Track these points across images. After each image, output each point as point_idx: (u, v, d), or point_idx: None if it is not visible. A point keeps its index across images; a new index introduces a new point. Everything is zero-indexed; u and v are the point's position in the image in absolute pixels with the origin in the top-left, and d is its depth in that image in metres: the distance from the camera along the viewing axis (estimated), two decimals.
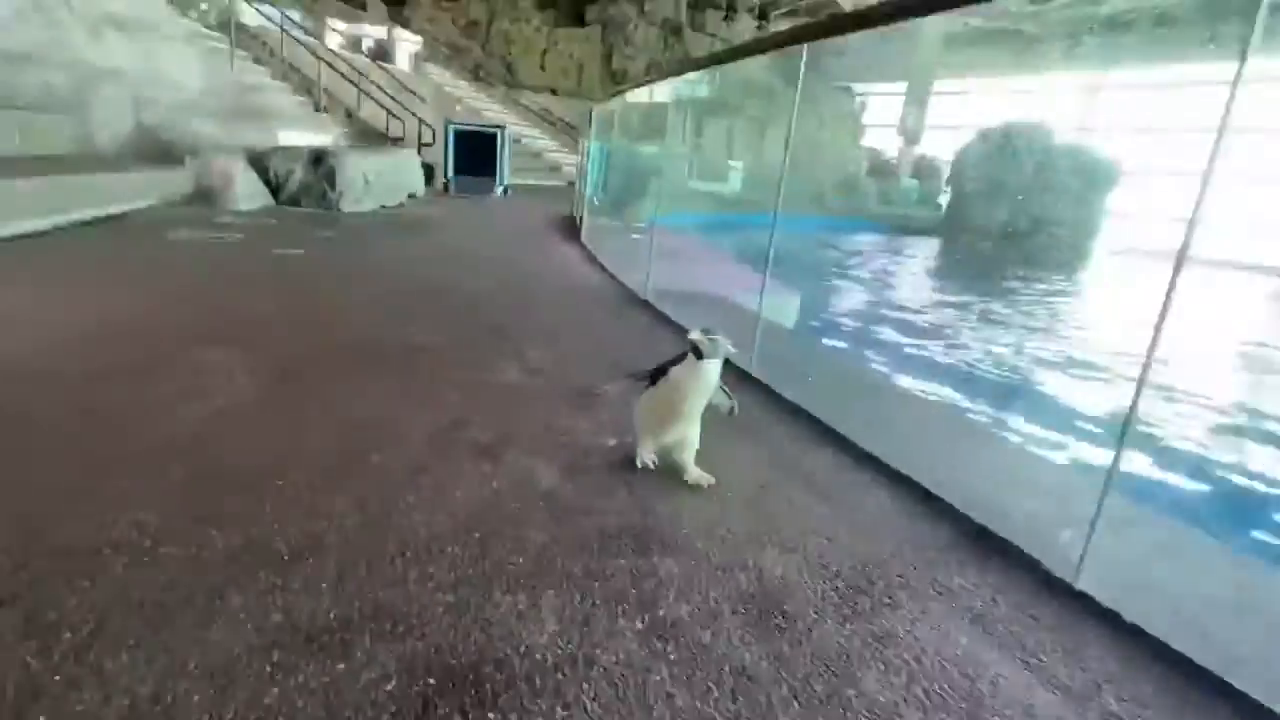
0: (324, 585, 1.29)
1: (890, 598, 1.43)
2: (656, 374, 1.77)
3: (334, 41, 13.27)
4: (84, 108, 6.30)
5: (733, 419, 1.89)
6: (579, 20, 19.73)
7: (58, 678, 1.03)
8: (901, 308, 7.83)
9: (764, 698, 1.13)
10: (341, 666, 1.11)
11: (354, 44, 14.62)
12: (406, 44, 16.12)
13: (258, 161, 6.62)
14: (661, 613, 1.32)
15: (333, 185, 6.69)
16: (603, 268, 5.20)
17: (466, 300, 3.81)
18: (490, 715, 1.04)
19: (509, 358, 2.79)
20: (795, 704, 1.12)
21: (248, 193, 6.24)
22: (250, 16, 11.23)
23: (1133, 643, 1.35)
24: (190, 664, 1.08)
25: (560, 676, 1.13)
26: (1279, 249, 13.68)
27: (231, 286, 3.60)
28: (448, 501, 1.63)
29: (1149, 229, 16.43)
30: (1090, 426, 3.85)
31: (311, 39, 11.74)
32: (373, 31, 15.98)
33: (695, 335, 1.70)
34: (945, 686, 1.19)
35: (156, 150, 6.45)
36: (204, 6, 11.89)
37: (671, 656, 1.20)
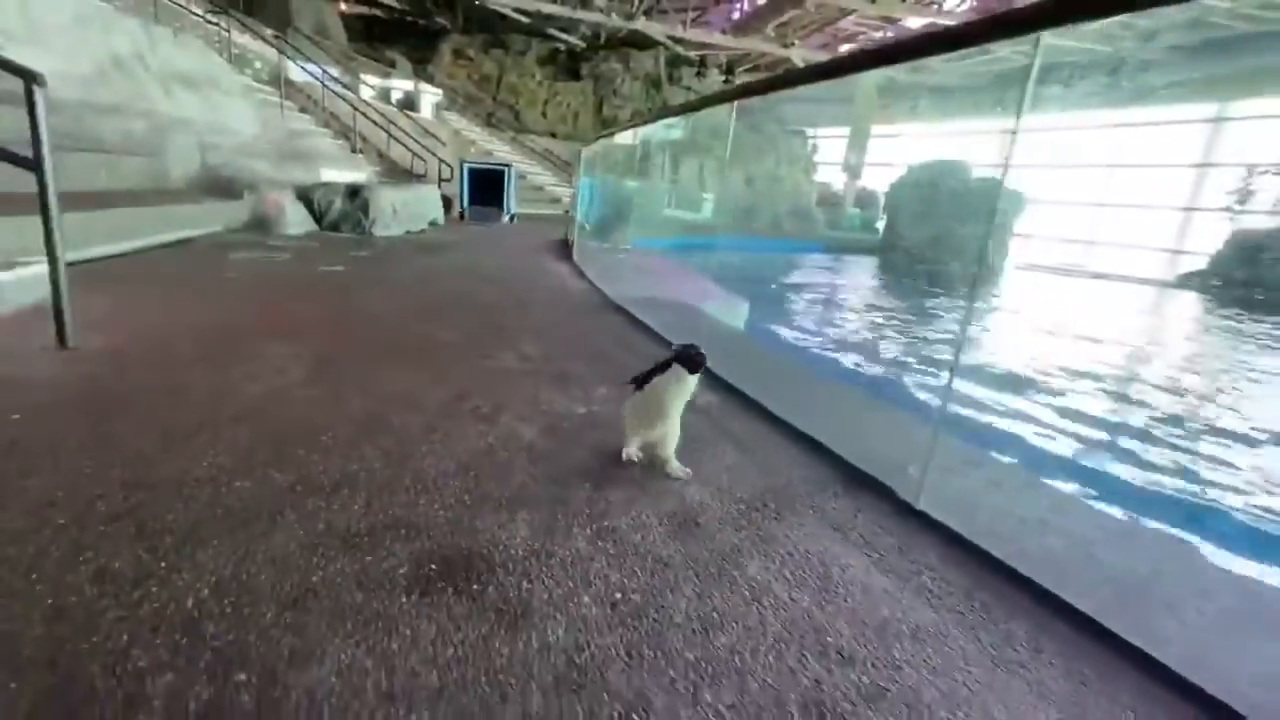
0: (356, 506, 1.49)
1: (778, 514, 1.64)
2: (642, 381, 1.76)
3: (367, 94, 13.39)
4: (159, 151, 6.42)
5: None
6: (575, 75, 19.92)
7: (163, 564, 1.22)
8: (828, 313, 8.10)
9: (673, 576, 1.34)
10: (369, 558, 1.30)
11: (384, 95, 14.74)
12: (429, 95, 16.25)
13: (304, 194, 6.77)
14: (606, 524, 1.52)
15: (367, 214, 6.85)
16: (588, 280, 5.40)
17: (476, 305, 4.00)
18: (474, 587, 1.24)
19: (507, 349, 2.99)
20: (695, 580, 1.33)
21: (296, 220, 6.39)
22: (296, 73, 11.37)
23: (950, 545, 1.57)
24: (258, 556, 1.27)
25: (527, 564, 1.33)
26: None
27: (283, 295, 3.77)
28: (452, 451, 1.83)
29: (1038, 247, 16.92)
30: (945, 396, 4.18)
31: (349, 92, 11.87)
32: (401, 84, 16.11)
33: (676, 349, 1.75)
34: (806, 571, 1.40)
35: (219, 186, 6.59)
36: (257, 65, 12.00)
37: (610, 551, 1.41)
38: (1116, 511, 2.19)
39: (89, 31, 6.94)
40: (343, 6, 19.04)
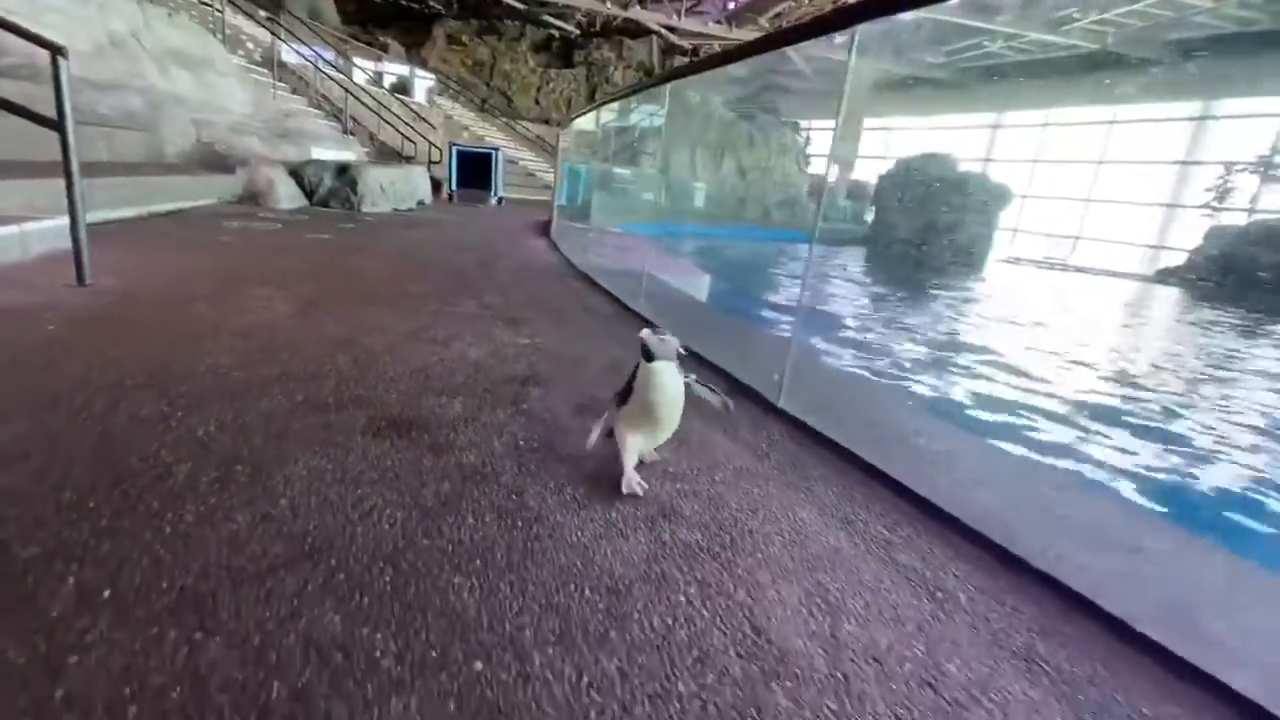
0: (327, 389, 1.93)
1: None
2: (626, 392, 1.52)
3: (361, 78, 13.74)
4: (155, 126, 6.82)
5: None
6: (568, 63, 20.27)
7: (179, 413, 1.67)
8: (778, 282, 8.58)
9: (567, 434, 1.79)
10: (334, 416, 1.75)
11: (377, 80, 15.09)
12: (422, 80, 16.60)
13: (295, 171, 7.17)
14: (524, 406, 1.97)
15: (355, 191, 7.26)
16: (561, 253, 5.84)
17: (449, 269, 4.43)
18: (413, 434, 1.69)
19: (471, 299, 3.43)
20: (584, 435, 1.78)
21: (287, 195, 6.80)
22: (289, 55, 11.73)
23: (796, 427, 2.02)
24: (251, 411, 1.72)
25: (456, 425, 1.78)
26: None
27: (274, 255, 4.20)
28: (408, 361, 2.28)
29: (1022, 240, 17.46)
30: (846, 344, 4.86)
31: (341, 75, 12.24)
32: (395, 69, 16.46)
33: (644, 334, 1.48)
34: (696, 453, 1.85)
35: (213, 161, 6.99)
36: (250, 46, 12.35)
37: (521, 420, 1.86)
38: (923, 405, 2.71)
39: (87, 10, 7.32)
40: None
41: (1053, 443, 3.52)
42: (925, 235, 15.66)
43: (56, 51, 2.71)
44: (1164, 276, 15.22)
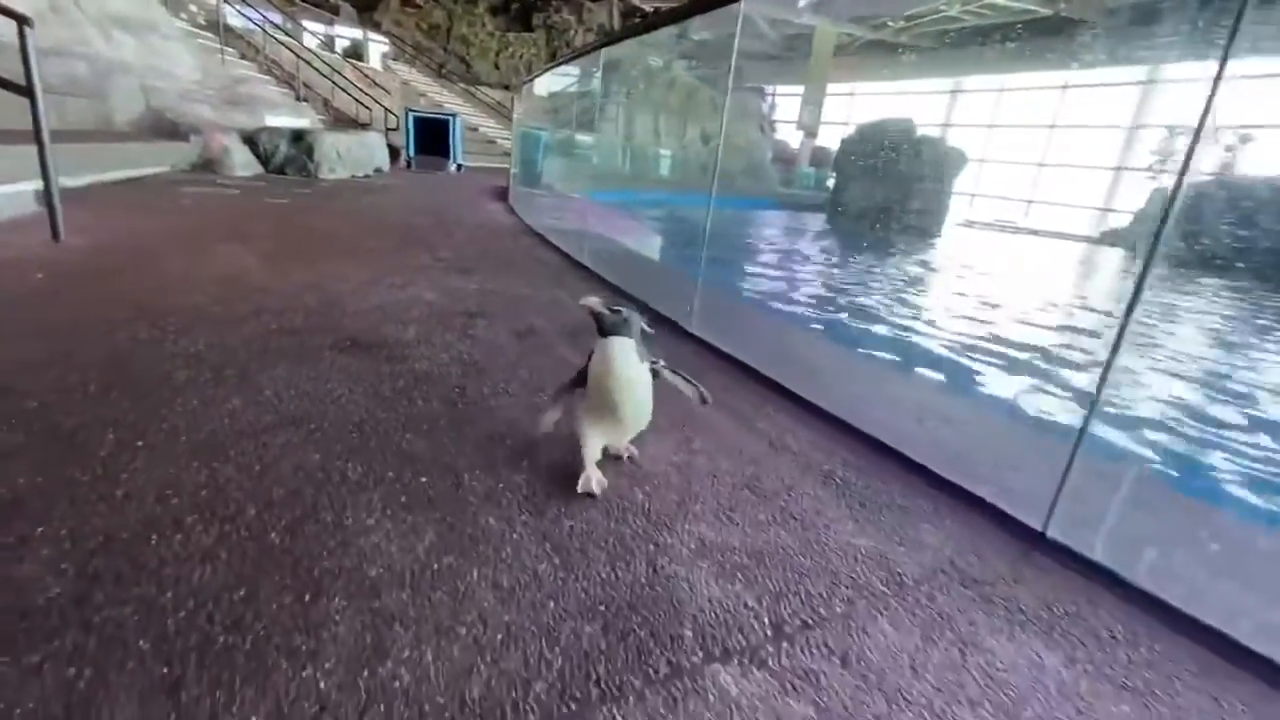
0: (298, 319, 2.27)
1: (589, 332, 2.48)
2: (582, 375, 1.34)
3: (311, 42, 13.52)
4: (102, 93, 6.83)
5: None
6: (527, 25, 20.05)
7: (170, 336, 1.99)
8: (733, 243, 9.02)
9: (506, 353, 2.17)
10: (305, 339, 2.09)
11: (329, 44, 14.83)
12: (376, 45, 16.33)
13: (250, 139, 7.26)
14: (471, 333, 2.34)
15: (311, 158, 7.39)
16: (517, 216, 6.13)
17: (407, 229, 4.71)
18: (373, 351, 2.05)
19: (427, 254, 3.75)
20: (520, 354, 2.16)
21: (242, 162, 6.91)
22: (235, 19, 11.51)
23: (701, 345, 2.43)
24: (232, 336, 2.05)
25: (410, 345, 2.14)
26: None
27: (236, 217, 4.41)
28: (369, 300, 2.61)
29: (978, 205, 18.14)
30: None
31: (291, 39, 12.06)
32: (347, 33, 16.15)
33: (590, 301, 1.29)
34: None
35: (164, 128, 7.04)
36: (193, 8, 12.07)
37: (468, 343, 2.23)
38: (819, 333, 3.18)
39: None
40: None
41: (923, 353, 4.09)
42: (881, 201, 16.15)
43: (23, 21, 2.90)
44: (1109, 238, 16.08)
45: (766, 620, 1.02)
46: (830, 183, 20.41)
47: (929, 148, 17.78)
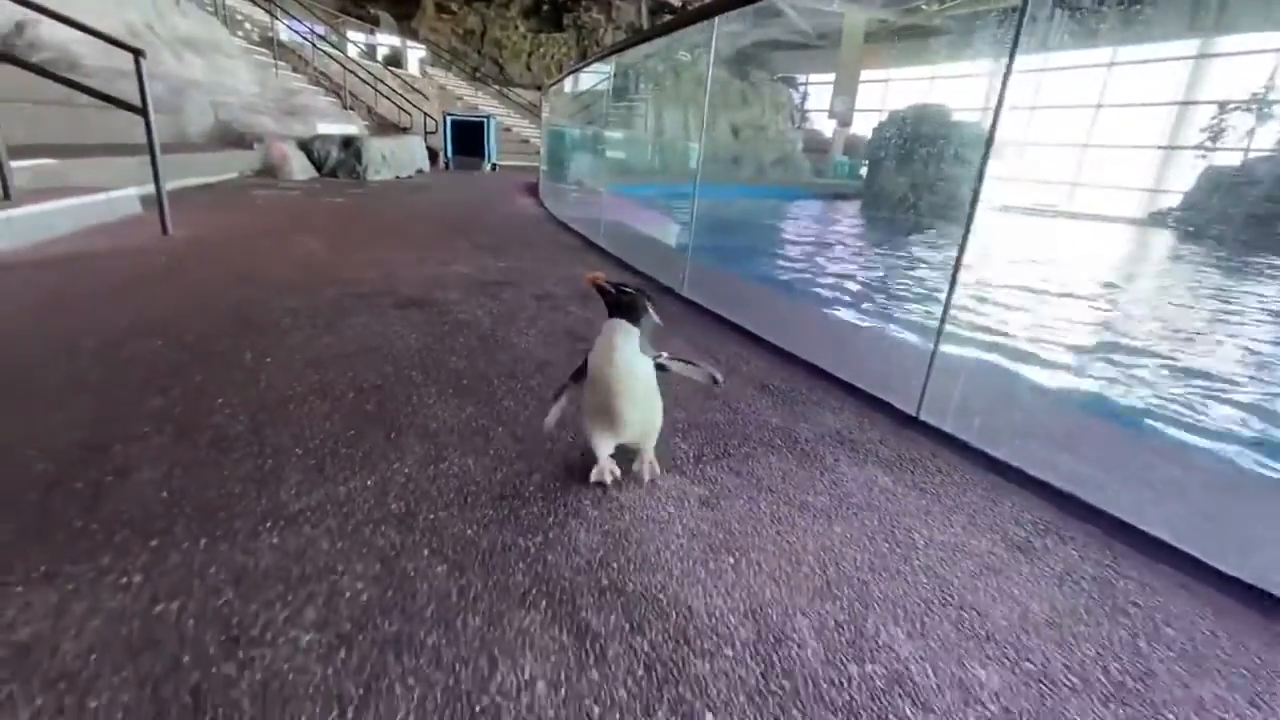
0: (364, 288, 2.88)
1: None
2: (583, 369, 1.32)
3: (354, 52, 14.48)
4: (178, 109, 7.71)
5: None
6: (558, 26, 20.75)
7: (270, 298, 2.61)
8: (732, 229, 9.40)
9: (525, 310, 2.73)
10: (372, 300, 2.70)
11: (371, 53, 15.80)
12: (414, 52, 17.27)
13: (305, 146, 8.07)
14: (501, 298, 2.91)
15: (360, 161, 8.15)
16: (545, 208, 6.73)
17: (446, 220, 5.35)
18: (425, 308, 2.64)
19: (463, 239, 4.36)
20: (537, 311, 2.72)
21: (299, 168, 7.71)
22: (285, 34, 12.50)
23: (690, 305, 2.95)
24: (317, 299, 2.67)
25: (453, 304, 2.72)
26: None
27: (302, 214, 5.13)
28: (419, 273, 3.22)
29: (1014, 189, 18.02)
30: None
31: (336, 51, 13.00)
32: (386, 41, 17.13)
33: (596, 275, 1.27)
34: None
35: (232, 138, 7.90)
36: (248, 26, 13.12)
37: (496, 304, 2.80)
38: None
39: (106, 4, 8.16)
40: None
41: (901, 319, 4.51)
42: (912, 189, 16.21)
43: (138, 54, 3.62)
44: (1156, 220, 15.79)
45: (692, 455, 1.55)
46: (863, 171, 20.50)
47: (961, 133, 17.72)
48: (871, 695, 0.89)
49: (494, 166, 12.06)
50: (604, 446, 1.36)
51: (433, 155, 11.13)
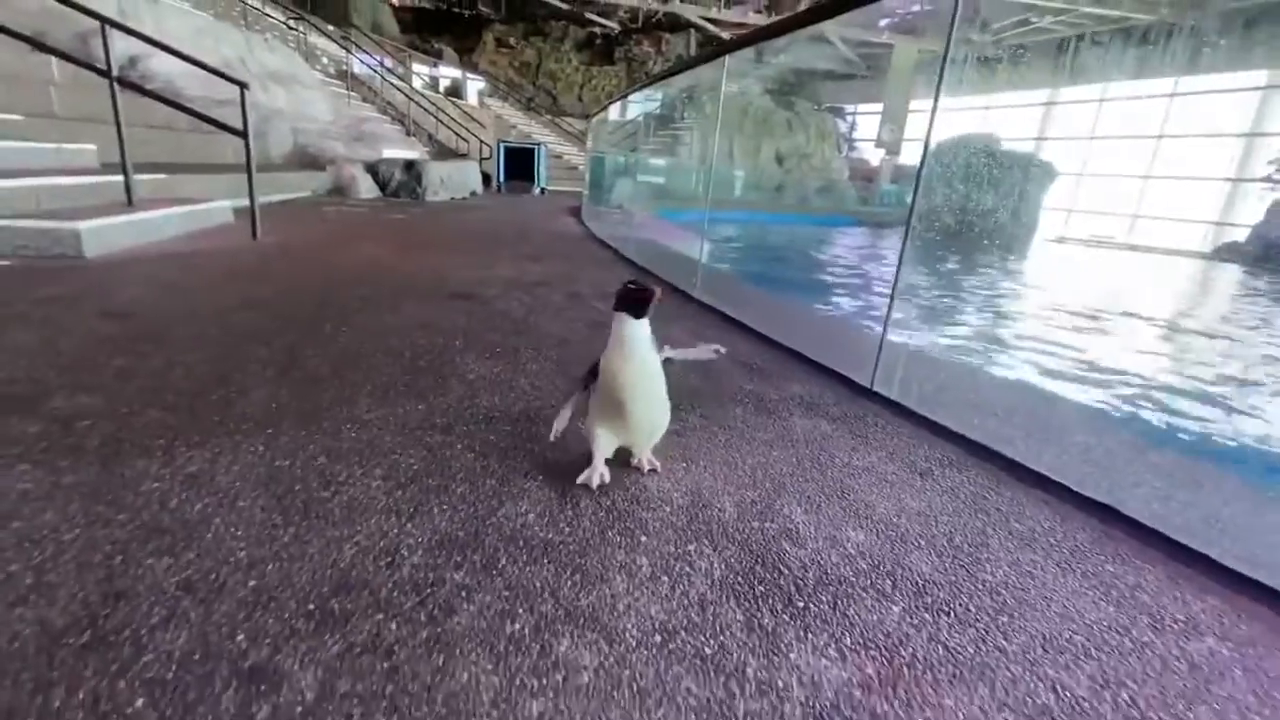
0: (421, 283, 3.40)
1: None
2: (593, 372, 1.37)
3: (418, 83, 15.67)
4: (263, 134, 8.64)
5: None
6: (609, 59, 21.80)
7: (345, 288, 3.15)
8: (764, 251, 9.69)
9: (551, 305, 3.19)
10: (429, 294, 3.20)
11: (433, 84, 17.02)
12: (473, 83, 18.47)
13: (371, 168, 8.90)
14: (536, 293, 3.38)
15: (420, 183, 8.93)
16: (586, 227, 7.28)
17: (494, 234, 5.93)
18: (471, 300, 3.12)
19: (508, 250, 4.89)
20: (563, 302, 3.18)
21: (366, 187, 8.52)
22: (357, 67, 13.70)
23: (703, 307, 3.35)
24: (382, 290, 3.19)
25: (495, 298, 3.20)
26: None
27: (369, 226, 5.79)
28: (467, 275, 3.73)
29: (1073, 220, 17.78)
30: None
31: (402, 82, 14.13)
32: (448, 73, 18.40)
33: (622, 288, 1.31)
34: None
35: (308, 161, 8.79)
36: (324, 61, 14.41)
37: (531, 298, 3.27)
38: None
39: (205, 40, 9.27)
40: (394, 1, 21.52)
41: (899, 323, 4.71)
42: (961, 218, 16.22)
43: (243, 86, 4.32)
44: (1221, 253, 15.35)
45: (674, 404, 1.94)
46: (909, 199, 20.51)
47: (1013, 162, 17.68)
48: (764, 537, 1.26)
49: (543, 190, 12.82)
50: (606, 447, 1.40)
51: (486, 179, 11.94)
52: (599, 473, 1.39)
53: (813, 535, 1.28)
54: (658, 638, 0.96)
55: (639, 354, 1.31)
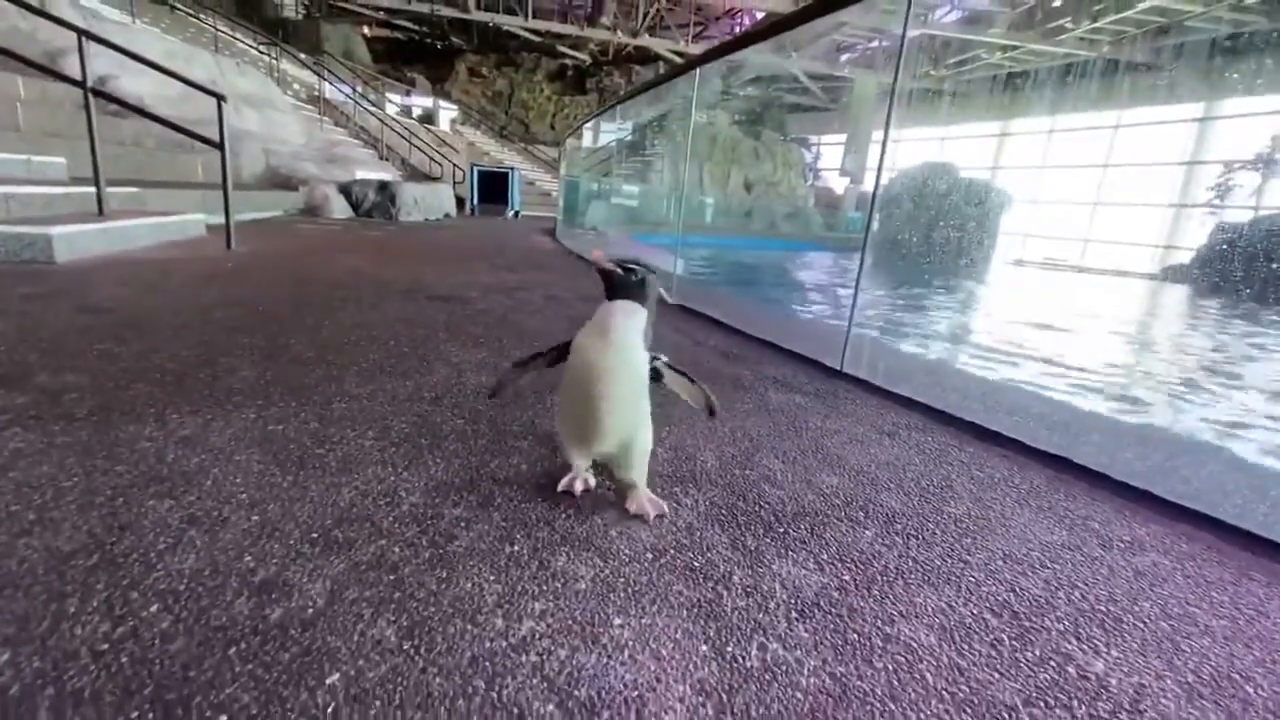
0: (400, 287, 3.44)
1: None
2: (561, 350, 1.13)
3: (391, 109, 15.79)
4: (236, 155, 8.61)
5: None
6: (581, 89, 22.27)
7: (322, 291, 3.18)
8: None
9: (529, 305, 3.26)
10: (408, 296, 3.24)
11: (406, 111, 17.17)
12: (446, 111, 18.68)
13: (344, 189, 8.91)
14: (514, 296, 3.44)
15: (394, 203, 8.97)
16: (562, 245, 7.39)
17: (472, 249, 5.98)
18: (452, 301, 3.18)
19: (484, 261, 4.96)
20: (542, 304, 3.25)
21: (339, 207, 8.52)
22: (330, 92, 13.78)
23: (676, 307, 3.45)
24: (362, 292, 3.23)
25: (475, 299, 3.26)
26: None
27: (344, 242, 5.79)
28: (446, 281, 3.78)
29: (1025, 244, 18.52)
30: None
31: (375, 108, 14.24)
32: (421, 102, 18.58)
33: (597, 255, 1.08)
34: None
35: (280, 181, 8.78)
36: (296, 87, 14.46)
37: (511, 300, 3.33)
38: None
39: (175, 63, 9.21)
40: (366, 30, 21.76)
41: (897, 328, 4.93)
42: (918, 245, 16.81)
43: (221, 98, 4.36)
44: (1168, 274, 16.15)
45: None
46: (874, 225, 21.18)
47: (969, 189, 18.45)
48: (745, 481, 1.33)
49: (517, 214, 12.94)
50: (578, 457, 1.17)
51: (459, 203, 12.02)
52: (579, 479, 1.20)
53: (790, 480, 1.35)
54: (649, 555, 1.03)
55: (623, 339, 1.04)
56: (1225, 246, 14.54)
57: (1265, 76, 16.00)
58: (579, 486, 1.20)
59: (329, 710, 0.68)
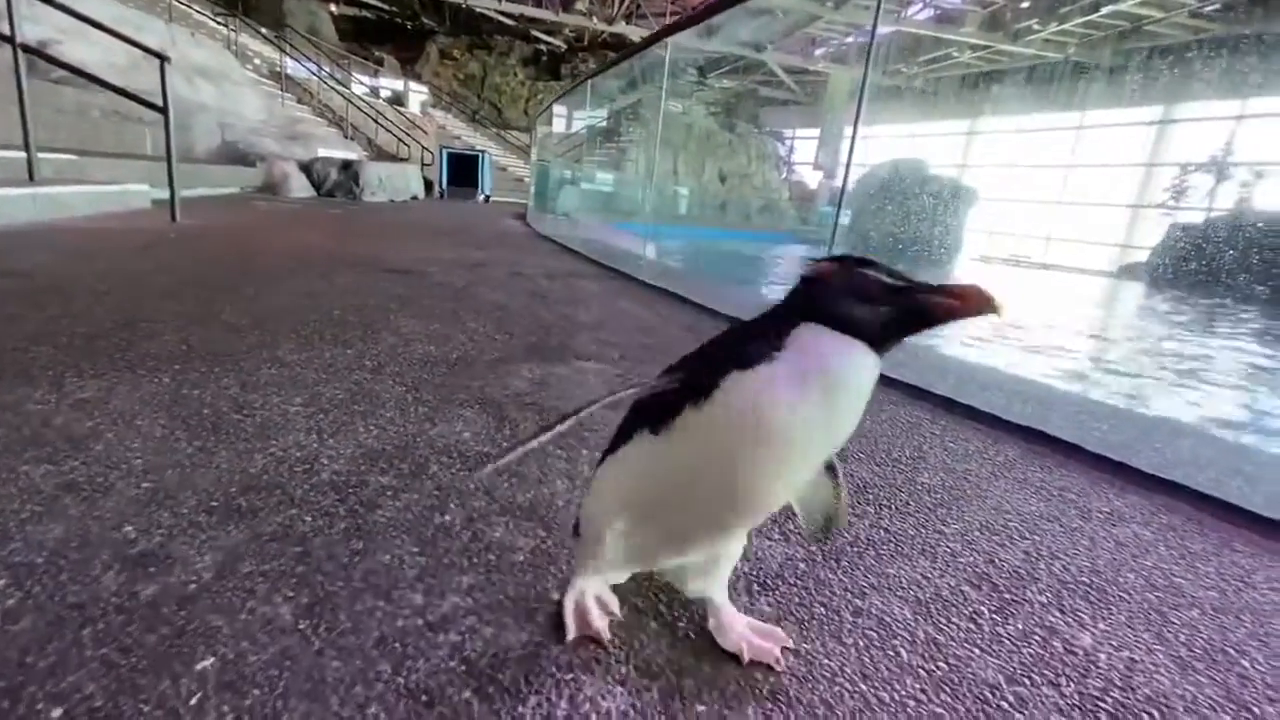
0: (356, 260, 3.26)
1: (575, 278, 3.41)
2: (682, 392, 0.61)
3: (359, 89, 15.30)
4: (186, 128, 8.21)
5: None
6: (555, 75, 21.92)
7: (273, 260, 2.99)
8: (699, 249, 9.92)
9: (498, 283, 3.12)
10: (364, 269, 3.07)
11: (374, 92, 16.66)
12: (416, 93, 18.20)
13: (305, 167, 8.58)
14: (478, 270, 3.29)
15: (357, 183, 8.66)
16: (532, 228, 7.21)
17: (437, 228, 5.78)
18: (408, 274, 3.01)
19: (450, 239, 4.78)
20: (527, 295, 3.11)
21: (299, 185, 8.20)
22: (293, 69, 13.28)
23: (648, 286, 3.34)
24: (316, 263, 3.04)
25: (434, 272, 3.10)
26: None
27: (302, 219, 5.54)
28: (405, 256, 3.61)
29: (992, 241, 18.86)
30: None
31: (341, 87, 13.77)
32: (391, 84, 18.07)
33: (810, 265, 0.61)
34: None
35: (236, 156, 8.40)
36: (257, 61, 13.90)
37: (473, 274, 3.18)
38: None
39: (124, 29, 8.77)
40: (333, 8, 21.05)
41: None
42: (888, 240, 16.96)
43: (164, 59, 4.09)
44: (1124, 272, 16.60)
45: (616, 357, 1.91)
46: (845, 219, 21.36)
47: (939, 186, 18.68)
48: None
49: (487, 198, 12.66)
50: (615, 567, 0.70)
51: (428, 185, 11.70)
52: (605, 598, 0.73)
53: None
54: None
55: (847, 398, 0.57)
56: (1182, 245, 15.00)
57: (1219, 82, 16.51)
58: (606, 632, 0.69)
59: (192, 701, 0.56)
